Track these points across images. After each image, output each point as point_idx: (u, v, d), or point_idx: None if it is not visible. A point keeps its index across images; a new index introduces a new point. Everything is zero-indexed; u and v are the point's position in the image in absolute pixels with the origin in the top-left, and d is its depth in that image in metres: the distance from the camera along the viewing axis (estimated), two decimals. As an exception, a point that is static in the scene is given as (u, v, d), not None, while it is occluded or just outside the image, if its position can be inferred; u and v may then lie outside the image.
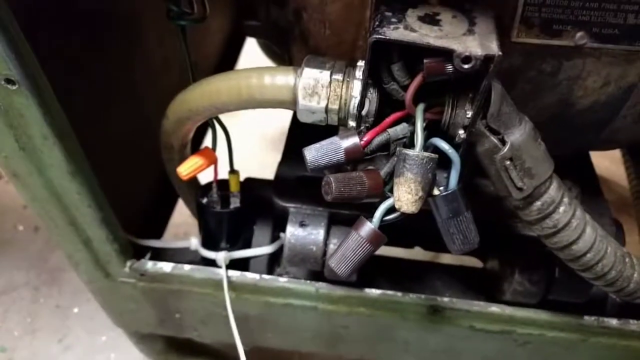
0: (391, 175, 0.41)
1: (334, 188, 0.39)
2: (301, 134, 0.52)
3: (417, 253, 0.72)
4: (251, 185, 0.67)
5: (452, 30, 0.37)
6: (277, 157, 0.66)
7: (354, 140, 0.40)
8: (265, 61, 1.04)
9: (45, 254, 1.16)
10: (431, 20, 0.38)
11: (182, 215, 0.89)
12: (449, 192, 0.40)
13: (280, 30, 0.51)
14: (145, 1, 0.67)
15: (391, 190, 0.40)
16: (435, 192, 0.41)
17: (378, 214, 0.39)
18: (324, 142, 0.40)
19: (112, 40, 0.62)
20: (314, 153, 0.39)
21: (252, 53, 1.13)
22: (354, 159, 0.41)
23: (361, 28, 0.44)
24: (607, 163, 1.36)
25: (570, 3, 0.40)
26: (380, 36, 0.36)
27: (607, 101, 0.45)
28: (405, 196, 0.38)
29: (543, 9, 0.41)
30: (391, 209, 0.40)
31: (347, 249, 0.39)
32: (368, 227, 0.39)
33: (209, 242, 0.65)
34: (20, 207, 1.20)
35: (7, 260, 1.15)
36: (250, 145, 1.42)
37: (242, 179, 0.64)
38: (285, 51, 0.54)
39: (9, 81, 0.42)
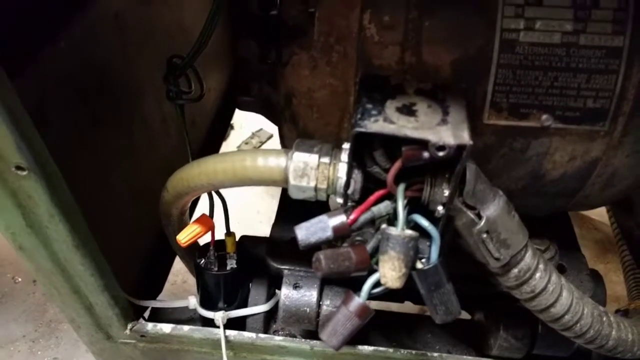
0: (377, 249, 0.44)
1: (323, 265, 0.42)
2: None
3: (408, 305, 0.74)
4: (247, 243, 0.69)
5: (427, 121, 0.41)
6: (275, 202, 0.68)
7: (341, 218, 0.43)
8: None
9: (43, 306, 1.17)
10: (408, 111, 0.42)
11: (180, 262, 0.91)
12: (431, 266, 0.43)
13: (272, 108, 0.55)
14: (143, 67, 0.71)
15: (377, 264, 0.43)
16: (419, 265, 0.44)
17: (365, 288, 0.42)
18: (313, 221, 0.43)
19: (112, 110, 0.66)
20: (304, 232, 0.43)
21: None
22: (341, 236, 0.44)
23: (346, 112, 0.48)
24: (593, 202, 1.39)
25: (535, 89, 0.45)
26: (361, 129, 0.40)
27: (575, 173, 0.49)
28: (389, 273, 0.41)
29: (510, 94, 0.45)
30: (378, 283, 0.43)
31: (337, 323, 0.42)
32: (356, 302, 0.42)
33: (207, 301, 0.67)
34: (18, 258, 1.22)
35: (4, 313, 1.16)
36: (249, 192, 1.45)
37: (240, 215, 0.66)
38: (276, 124, 0.58)
39: (19, 168, 0.45)
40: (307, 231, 0.43)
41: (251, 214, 1.37)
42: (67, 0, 0.55)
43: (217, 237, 0.65)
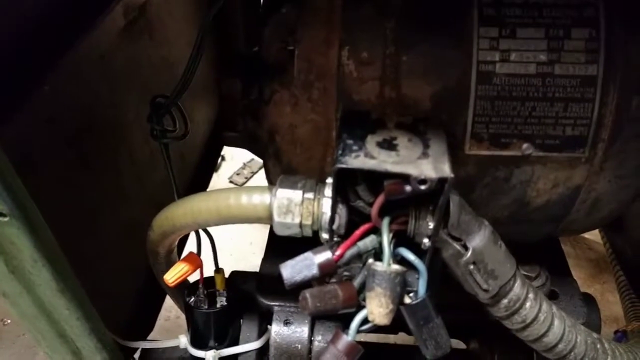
0: (364, 285, 0.43)
1: (310, 304, 0.41)
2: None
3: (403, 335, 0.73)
4: (237, 279, 0.69)
5: (408, 155, 0.41)
6: (266, 232, 0.68)
7: (326, 255, 0.43)
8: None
9: (32, 348, 1.14)
10: (389, 145, 0.42)
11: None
12: (419, 300, 0.42)
13: (257, 143, 0.56)
14: (130, 103, 0.71)
15: (365, 299, 0.43)
16: (407, 300, 0.43)
17: (353, 326, 0.42)
18: (298, 258, 0.43)
19: (99, 149, 0.66)
20: (289, 270, 0.42)
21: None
22: (328, 273, 0.43)
23: (329, 146, 0.48)
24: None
25: (514, 119, 0.45)
26: (343, 165, 0.40)
27: (559, 199, 0.49)
28: (377, 309, 0.40)
29: (490, 125, 0.45)
30: (366, 319, 0.42)
31: (325, 363, 0.41)
32: (344, 341, 0.41)
33: (198, 340, 0.66)
34: (8, 299, 1.20)
35: (-7, 356, 1.13)
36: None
37: (233, 247, 0.66)
38: (262, 158, 0.58)
39: (0, 214, 0.45)
40: (293, 269, 0.42)
41: (244, 245, 1.36)
42: (51, 45, 0.55)
43: (207, 274, 0.64)
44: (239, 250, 1.33)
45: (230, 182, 1.58)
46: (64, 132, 0.57)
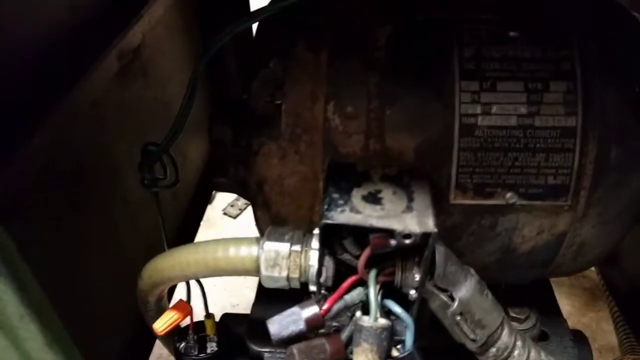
0: (352, 338, 0.43)
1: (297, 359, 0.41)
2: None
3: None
4: (228, 322, 0.68)
5: (393, 208, 0.42)
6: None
7: (314, 310, 0.43)
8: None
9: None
10: (374, 199, 0.43)
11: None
12: (406, 354, 0.42)
13: (247, 190, 0.56)
14: (123, 146, 0.71)
15: (353, 353, 0.43)
16: (394, 353, 0.43)
17: (341, 382, 0.41)
18: (285, 313, 0.43)
19: (91, 193, 0.66)
20: (276, 326, 0.42)
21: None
22: (315, 327, 0.43)
23: (317, 196, 0.49)
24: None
25: (497, 169, 0.46)
26: (329, 221, 0.40)
27: (544, 245, 0.50)
28: (364, 365, 0.40)
29: (474, 175, 0.46)
30: (354, 373, 0.42)
31: (313, 421, 0.41)
32: (332, 397, 0.41)
33: (188, 386, 0.65)
34: None
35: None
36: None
37: (226, 281, 0.65)
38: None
39: (-13, 272, 0.45)
40: (280, 325, 0.42)
41: (238, 279, 1.35)
42: (41, 95, 0.56)
43: (199, 317, 0.63)
44: (233, 284, 1.32)
45: (225, 214, 1.58)
46: (55, 179, 0.58)
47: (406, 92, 0.46)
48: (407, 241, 0.40)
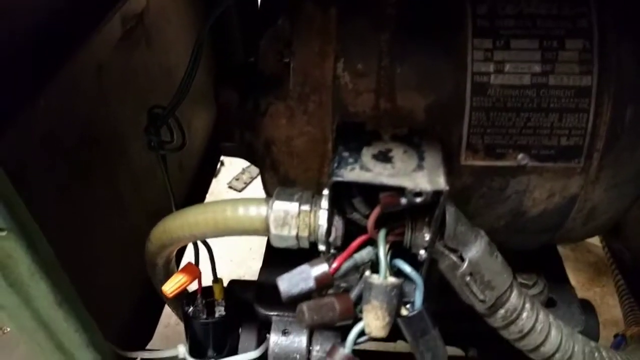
0: (361, 297, 0.43)
1: (307, 317, 0.41)
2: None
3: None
4: (236, 288, 0.69)
5: (403, 167, 0.41)
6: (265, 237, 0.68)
7: (323, 268, 0.43)
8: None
9: (32, 357, 1.14)
10: (384, 157, 0.42)
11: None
12: (415, 312, 0.42)
13: (254, 154, 0.56)
14: (127, 113, 0.71)
15: (362, 311, 0.43)
16: (403, 312, 0.43)
17: (350, 339, 0.42)
18: (295, 272, 0.43)
19: (96, 160, 0.66)
20: (286, 284, 0.42)
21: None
22: (324, 286, 0.43)
23: (325, 157, 0.48)
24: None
25: (509, 130, 0.45)
26: (338, 178, 0.40)
27: (555, 209, 0.49)
28: (373, 322, 0.40)
29: (485, 136, 0.46)
30: (363, 332, 0.42)
31: (322, 377, 0.41)
32: (341, 354, 0.41)
33: (196, 349, 0.66)
34: (8, 307, 1.20)
35: (-7, 365, 1.13)
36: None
37: (233, 253, 0.65)
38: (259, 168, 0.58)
39: (-1, 229, 0.45)
40: (289, 283, 0.42)
41: (244, 250, 1.36)
42: (46, 58, 0.55)
43: (207, 283, 0.64)
44: (239, 256, 1.33)
45: (230, 187, 1.58)
46: (61, 145, 0.57)
47: (417, 49, 0.45)
48: (418, 199, 0.39)
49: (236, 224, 0.46)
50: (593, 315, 0.64)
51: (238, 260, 1.32)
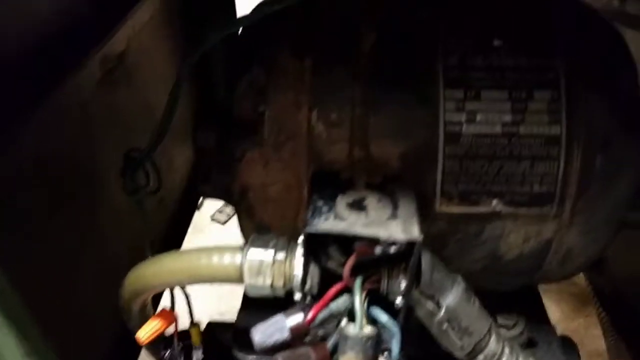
0: (337, 347, 0.43)
1: (282, 370, 0.40)
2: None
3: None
4: (214, 331, 0.67)
5: (377, 216, 0.41)
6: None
7: (298, 318, 0.42)
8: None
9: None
10: (358, 206, 0.42)
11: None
12: (392, 362, 0.42)
13: (231, 198, 0.56)
14: (109, 149, 0.70)
15: (338, 362, 0.42)
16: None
17: (325, 392, 0.41)
18: (269, 322, 0.42)
19: (75, 197, 0.65)
20: (260, 335, 0.42)
21: None
22: (300, 336, 0.43)
23: (301, 204, 0.48)
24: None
25: (482, 177, 0.46)
26: (312, 229, 0.40)
27: (531, 253, 0.50)
28: (349, 374, 0.40)
29: (459, 183, 0.46)
30: (340, 383, 0.42)
31: None
32: (317, 407, 0.40)
33: (173, 396, 0.64)
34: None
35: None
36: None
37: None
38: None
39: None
40: (264, 334, 0.42)
41: (226, 285, 1.34)
42: (20, 98, 0.55)
43: (184, 327, 0.63)
44: (221, 290, 1.31)
45: (213, 220, 1.57)
46: (38, 181, 0.57)
47: (391, 99, 0.46)
48: (392, 249, 0.40)
49: (210, 272, 0.46)
50: (574, 353, 0.64)
51: (220, 294, 1.30)
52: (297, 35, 0.48)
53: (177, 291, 0.61)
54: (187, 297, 0.60)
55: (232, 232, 1.55)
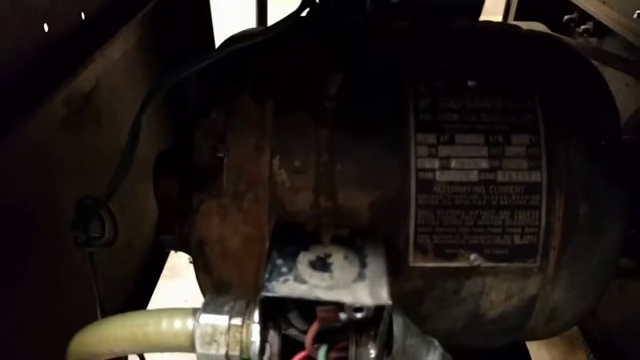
0: None
1: None
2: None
3: None
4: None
5: (343, 277, 0.37)
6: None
7: (255, 394, 0.37)
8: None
9: None
10: (322, 265, 0.38)
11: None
12: None
13: (189, 250, 0.51)
14: (70, 195, 0.66)
15: None
16: None
17: None
18: (224, 399, 0.37)
19: (31, 243, 0.60)
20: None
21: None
22: (257, 414, 0.38)
23: (262, 259, 0.44)
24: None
25: (459, 229, 0.42)
26: (268, 293, 0.35)
27: (514, 311, 0.45)
28: None
29: (434, 235, 0.42)
30: None
31: None
32: None
33: None
34: None
35: None
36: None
37: None
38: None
39: None
40: (215, 414, 0.36)
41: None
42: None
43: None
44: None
45: (191, 262, 1.50)
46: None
47: (358, 145, 0.42)
48: (359, 315, 0.35)
49: (158, 339, 0.41)
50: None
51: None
52: (259, 76, 0.45)
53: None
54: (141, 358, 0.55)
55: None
